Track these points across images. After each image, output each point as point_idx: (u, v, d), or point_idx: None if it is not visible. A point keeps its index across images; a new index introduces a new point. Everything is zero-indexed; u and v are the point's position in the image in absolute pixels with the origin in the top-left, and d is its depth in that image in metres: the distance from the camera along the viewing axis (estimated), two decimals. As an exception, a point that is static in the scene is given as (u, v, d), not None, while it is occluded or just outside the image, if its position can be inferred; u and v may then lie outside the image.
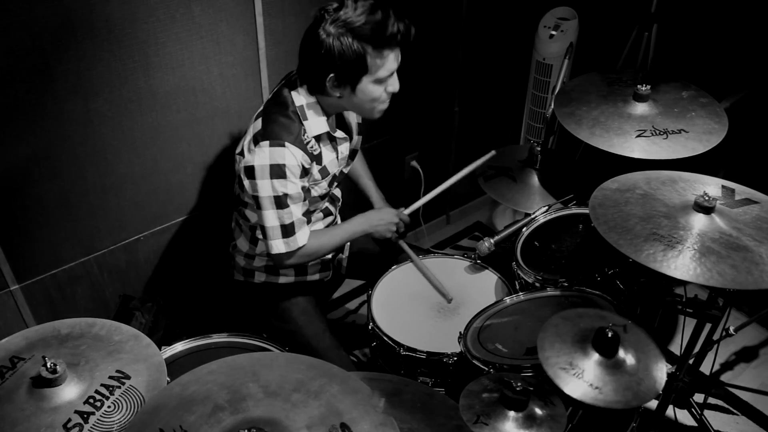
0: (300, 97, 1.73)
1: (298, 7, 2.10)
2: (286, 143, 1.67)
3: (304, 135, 1.72)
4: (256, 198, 1.72)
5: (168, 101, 1.99)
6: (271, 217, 1.72)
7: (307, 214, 1.79)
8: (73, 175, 1.92)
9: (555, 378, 1.38)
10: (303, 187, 1.74)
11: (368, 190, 2.17)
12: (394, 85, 1.72)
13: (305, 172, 1.72)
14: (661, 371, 1.41)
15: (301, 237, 1.77)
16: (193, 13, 1.90)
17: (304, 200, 1.77)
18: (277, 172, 1.67)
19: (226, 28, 1.99)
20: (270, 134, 1.68)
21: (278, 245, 1.75)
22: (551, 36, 2.72)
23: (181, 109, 2.03)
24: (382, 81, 1.68)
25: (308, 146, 1.72)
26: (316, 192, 1.83)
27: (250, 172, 1.70)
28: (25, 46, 1.68)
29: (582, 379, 1.39)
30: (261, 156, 1.67)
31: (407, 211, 2.05)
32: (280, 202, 1.70)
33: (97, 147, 1.92)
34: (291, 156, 1.67)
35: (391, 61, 1.65)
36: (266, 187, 1.69)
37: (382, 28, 1.59)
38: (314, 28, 1.61)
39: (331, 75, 1.64)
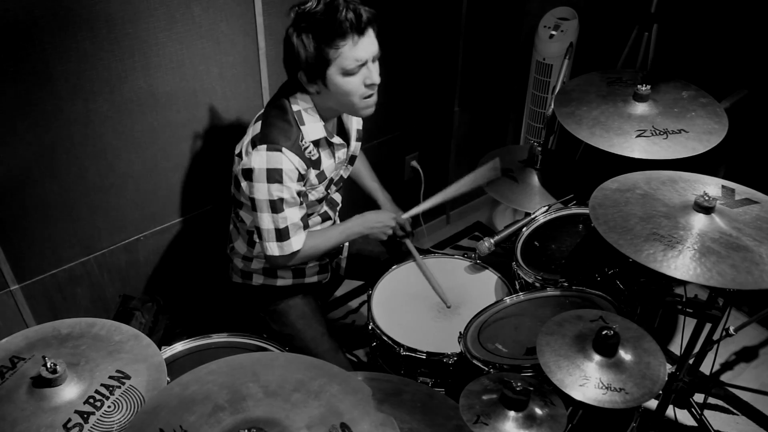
0: (297, 103, 1.73)
1: (298, 7, 2.09)
2: (283, 148, 1.67)
3: (302, 141, 1.72)
4: (252, 200, 1.73)
5: (168, 101, 1.99)
6: (266, 220, 1.73)
7: (305, 219, 1.79)
8: (73, 175, 1.92)
9: (558, 384, 1.38)
10: (299, 192, 1.74)
11: (374, 192, 2.17)
12: (371, 76, 1.66)
13: (301, 177, 1.73)
14: (663, 366, 1.41)
15: (296, 242, 1.77)
16: (193, 13, 1.90)
17: (301, 204, 1.77)
18: (274, 176, 1.68)
19: (227, 28, 1.99)
20: (268, 138, 1.69)
21: (272, 248, 1.77)
22: (551, 36, 2.72)
23: (181, 109, 2.03)
24: (351, 72, 1.64)
25: (306, 151, 1.73)
26: (313, 196, 1.83)
27: (248, 174, 1.70)
28: (25, 46, 1.68)
29: (586, 380, 1.39)
30: (258, 159, 1.68)
31: (406, 215, 2.05)
32: (275, 206, 1.71)
33: (97, 147, 1.92)
34: (288, 161, 1.68)
35: (353, 49, 1.60)
36: (263, 191, 1.70)
37: (331, 19, 1.57)
38: (288, 26, 1.63)
39: (300, 72, 1.65)
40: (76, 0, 1.69)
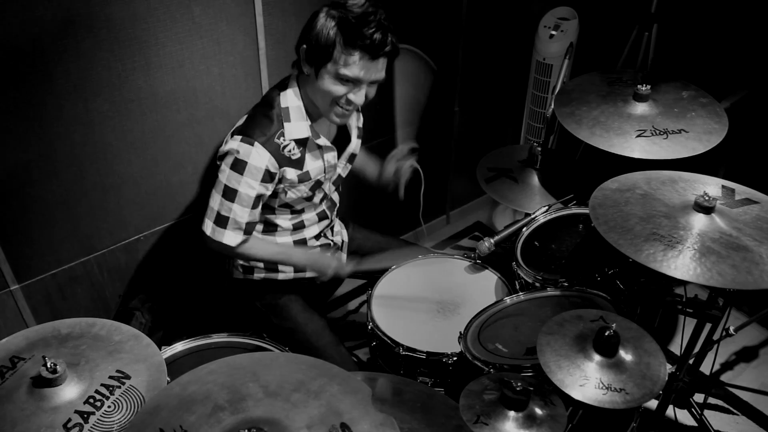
0: (287, 99, 1.75)
1: (298, 7, 2.10)
2: (256, 143, 1.69)
3: (281, 138, 1.72)
4: (216, 177, 1.76)
5: (168, 101, 1.99)
6: (216, 200, 1.76)
7: (251, 226, 1.79)
8: (73, 175, 1.92)
9: (559, 384, 1.38)
10: (259, 195, 1.74)
11: (365, 165, 2.16)
12: (357, 96, 1.67)
13: (270, 177, 1.72)
14: (663, 366, 1.41)
15: (229, 237, 1.78)
16: (193, 13, 1.90)
17: (254, 208, 1.76)
18: (237, 166, 1.70)
19: (227, 28, 1.99)
20: (245, 131, 1.72)
21: (207, 225, 1.80)
22: (551, 36, 2.72)
23: (181, 109, 2.03)
24: (344, 81, 1.64)
25: (285, 150, 1.73)
26: (294, 194, 1.83)
27: (221, 157, 1.74)
28: (25, 47, 1.67)
29: (586, 380, 1.39)
30: (231, 146, 1.71)
31: (348, 268, 1.93)
32: (227, 193, 1.73)
33: (97, 147, 1.92)
34: (257, 156, 1.69)
35: (357, 65, 1.61)
36: (224, 174, 1.73)
37: (360, 28, 1.58)
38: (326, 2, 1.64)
39: (304, 46, 1.66)
40: (77, 0, 1.69)
